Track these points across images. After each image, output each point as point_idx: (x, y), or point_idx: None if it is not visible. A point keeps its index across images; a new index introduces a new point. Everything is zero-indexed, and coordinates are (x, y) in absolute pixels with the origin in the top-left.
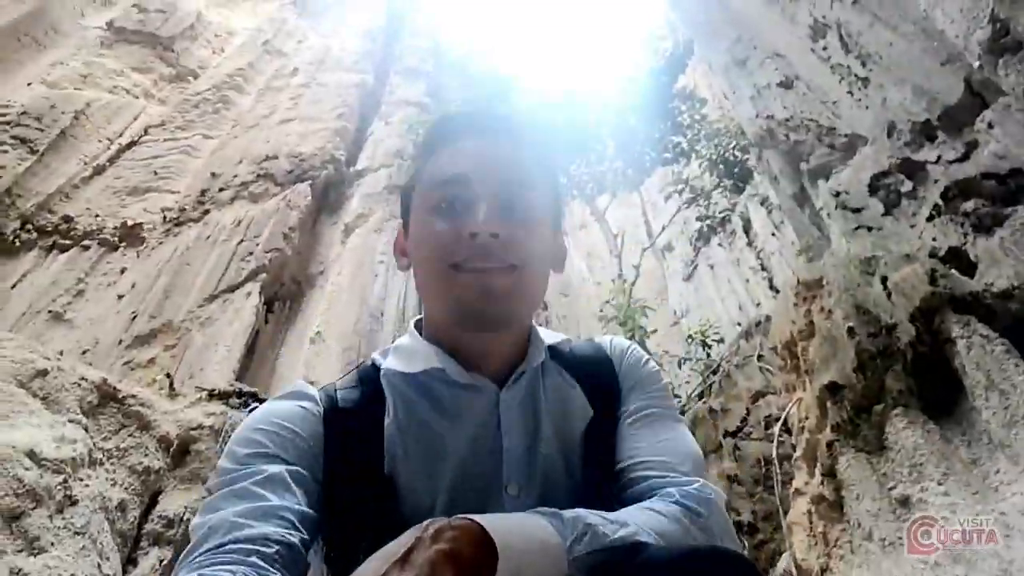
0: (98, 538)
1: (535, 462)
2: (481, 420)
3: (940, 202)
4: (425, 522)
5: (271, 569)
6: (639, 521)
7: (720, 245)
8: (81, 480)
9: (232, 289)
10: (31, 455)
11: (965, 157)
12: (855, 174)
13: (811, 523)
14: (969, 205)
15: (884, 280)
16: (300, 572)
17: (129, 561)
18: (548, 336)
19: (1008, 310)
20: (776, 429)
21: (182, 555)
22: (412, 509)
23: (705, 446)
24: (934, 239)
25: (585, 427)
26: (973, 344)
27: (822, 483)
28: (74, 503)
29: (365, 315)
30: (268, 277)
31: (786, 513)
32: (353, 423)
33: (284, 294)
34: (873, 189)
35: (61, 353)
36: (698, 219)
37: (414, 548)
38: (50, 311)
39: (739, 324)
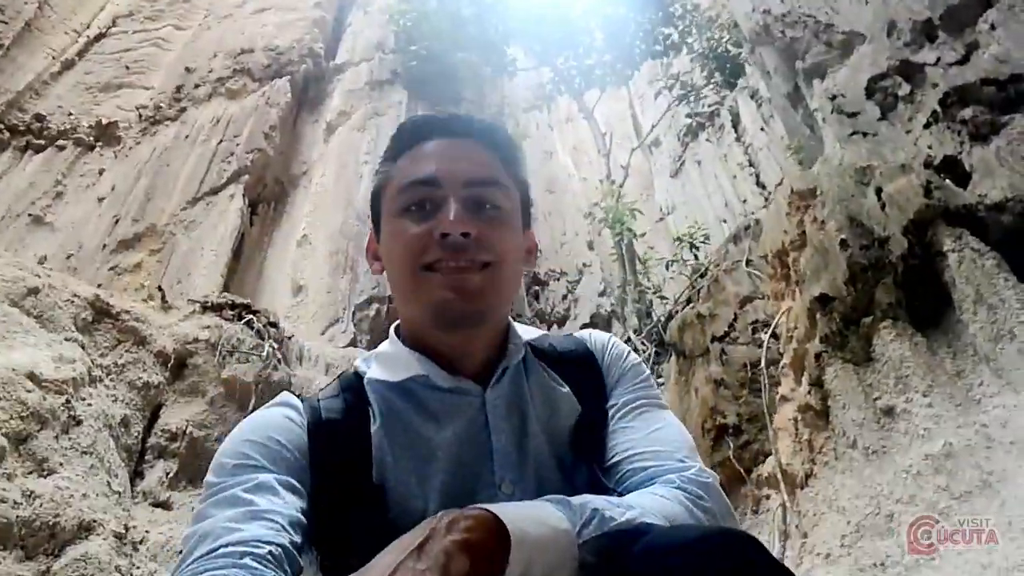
0: (105, 456)
1: (526, 459)
2: (469, 421)
3: (938, 108)
4: (439, 513)
5: (264, 568)
6: (644, 504)
7: (708, 140)
8: (83, 399)
9: (215, 191)
10: (32, 377)
11: (965, 60)
12: (852, 75)
13: (796, 430)
14: (967, 112)
15: (879, 191)
16: (294, 572)
17: (136, 474)
18: (525, 332)
19: (1000, 223)
20: (766, 338)
21: (176, 565)
22: (404, 514)
23: (693, 351)
24: (930, 147)
25: (574, 423)
26: (964, 258)
27: (809, 392)
28: (78, 423)
29: (351, 217)
30: (250, 178)
31: (771, 417)
32: (338, 433)
33: (268, 195)
34: (870, 92)
35: (45, 259)
36: (687, 116)
37: (429, 539)
38: (30, 214)
39: (725, 221)
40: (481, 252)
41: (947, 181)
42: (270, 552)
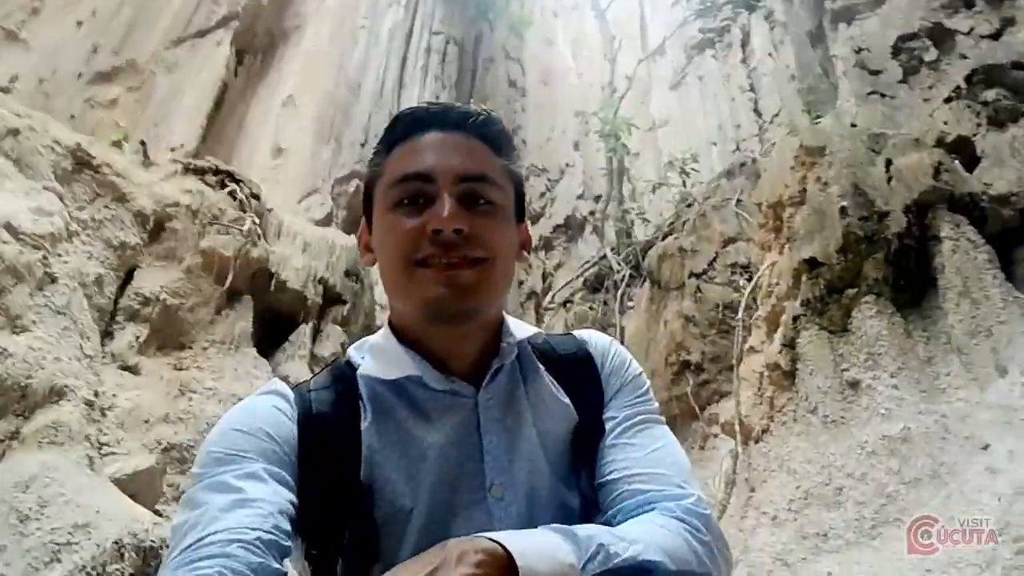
0: (79, 318)
1: (518, 463)
2: (460, 423)
3: (962, 84)
4: (451, 542)
5: (251, 555)
6: (646, 538)
7: (714, 58)
8: (60, 256)
9: (201, 34)
10: (9, 228)
11: (998, 34)
12: (881, 29)
13: (760, 385)
14: (990, 94)
15: (888, 163)
16: (281, 555)
17: (105, 335)
18: (519, 329)
19: (1000, 216)
20: (748, 290)
21: (167, 554)
22: (391, 513)
23: (669, 283)
24: (945, 123)
25: (570, 430)
26: (959, 247)
27: (780, 352)
28: (54, 280)
29: (342, 84)
30: (240, 25)
31: (738, 363)
32: (328, 428)
33: (256, 47)
34: (896, 51)
35: (16, 78)
36: (700, 31)
37: (438, 569)
38: (3, 28)
39: (715, 144)
40: (473, 248)
41: (956, 163)
42: (258, 538)
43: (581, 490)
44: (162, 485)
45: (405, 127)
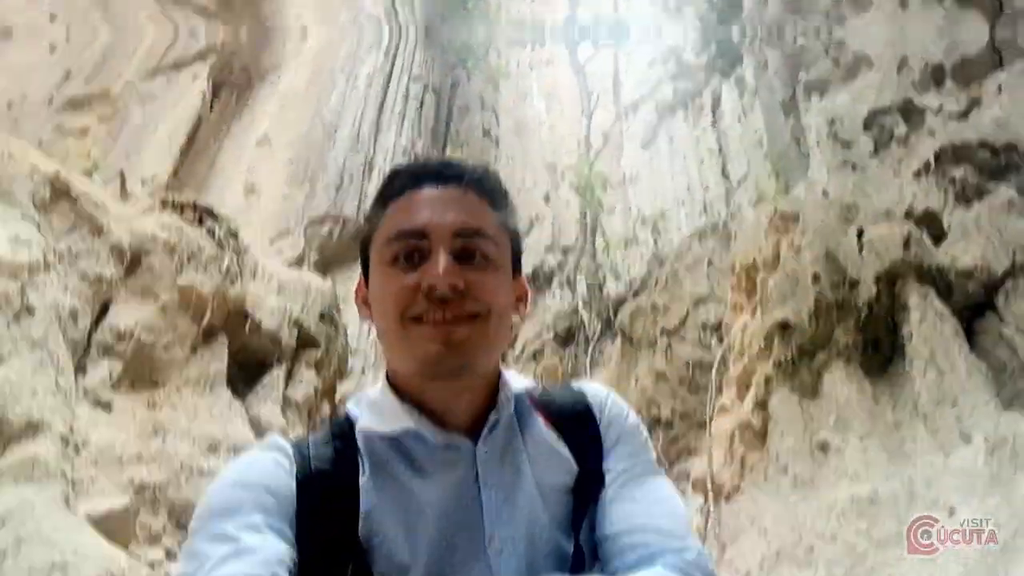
0: (55, 352)
1: (517, 516)
2: (459, 476)
3: (931, 160)
4: None
5: None
6: None
7: (684, 120)
8: (37, 288)
9: (178, 67)
10: None
11: (966, 114)
12: (853, 104)
13: (732, 444)
14: (958, 172)
15: (860, 234)
16: None
17: (78, 369)
18: (517, 382)
19: (965, 288)
20: (720, 350)
21: None
22: (389, 569)
23: (640, 340)
24: (914, 196)
25: (570, 482)
26: (926, 318)
27: (752, 412)
28: (31, 312)
29: (318, 127)
30: (217, 61)
31: (710, 421)
32: (327, 484)
33: (233, 84)
34: (868, 124)
35: None
36: (673, 92)
37: None
38: None
39: (683, 204)
40: (469, 304)
41: (924, 236)
42: None
43: (582, 542)
44: (135, 526)
45: (401, 182)
